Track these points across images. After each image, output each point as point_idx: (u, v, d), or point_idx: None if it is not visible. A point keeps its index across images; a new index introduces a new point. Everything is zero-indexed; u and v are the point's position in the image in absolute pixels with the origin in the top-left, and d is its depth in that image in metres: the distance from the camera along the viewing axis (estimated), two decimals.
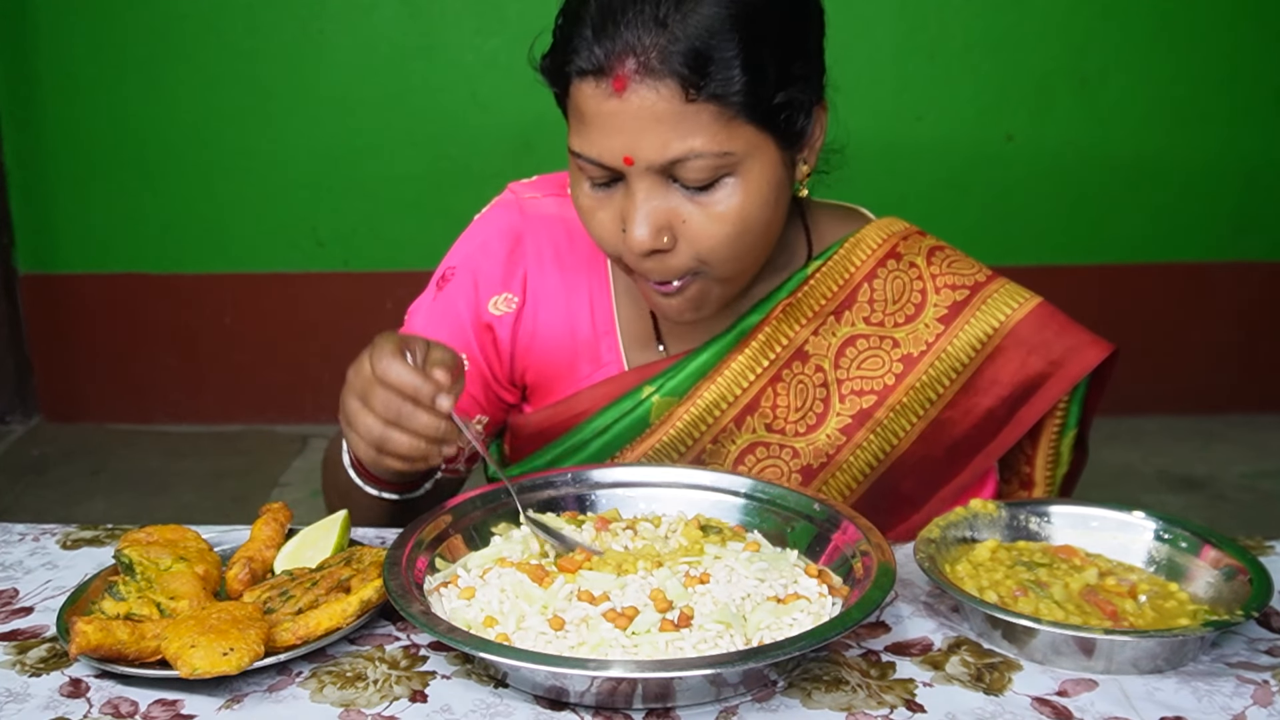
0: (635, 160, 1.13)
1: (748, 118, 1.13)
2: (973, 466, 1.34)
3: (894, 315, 1.35)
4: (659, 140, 1.12)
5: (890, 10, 3.80)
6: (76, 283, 4.06)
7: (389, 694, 0.98)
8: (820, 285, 1.36)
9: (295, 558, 1.17)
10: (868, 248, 1.37)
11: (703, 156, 1.13)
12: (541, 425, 1.39)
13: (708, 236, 1.17)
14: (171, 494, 3.58)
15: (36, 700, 0.97)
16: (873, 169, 3.81)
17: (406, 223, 3.95)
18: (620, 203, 1.18)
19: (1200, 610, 1.06)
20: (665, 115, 1.11)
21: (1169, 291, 4.11)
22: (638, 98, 1.11)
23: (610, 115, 1.13)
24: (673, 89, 1.10)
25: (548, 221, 1.39)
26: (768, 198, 1.18)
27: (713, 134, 1.12)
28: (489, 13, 3.80)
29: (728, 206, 1.16)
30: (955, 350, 1.33)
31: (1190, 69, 3.89)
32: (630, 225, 1.17)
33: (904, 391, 1.33)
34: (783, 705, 0.96)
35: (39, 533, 1.29)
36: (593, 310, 1.39)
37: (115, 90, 3.86)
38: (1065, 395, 1.33)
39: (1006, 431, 1.33)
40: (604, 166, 1.16)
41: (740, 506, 1.21)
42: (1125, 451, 3.89)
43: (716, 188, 1.16)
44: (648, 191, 1.16)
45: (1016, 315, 1.32)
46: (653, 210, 1.16)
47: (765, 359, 1.34)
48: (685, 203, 1.16)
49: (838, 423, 1.34)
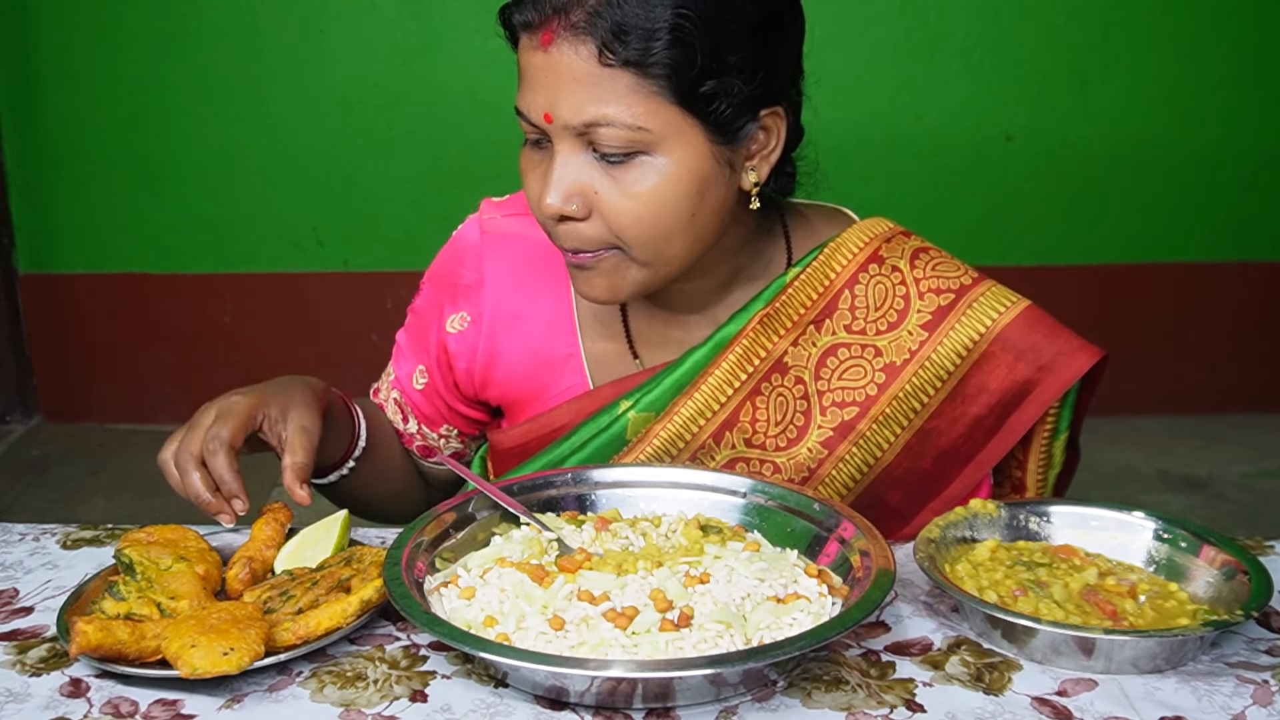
0: (554, 118, 1.14)
1: (671, 97, 1.12)
2: (963, 478, 1.31)
3: (876, 323, 1.31)
4: (575, 101, 1.12)
5: (890, 10, 3.79)
6: (76, 283, 4.06)
7: (389, 694, 0.98)
8: (799, 294, 1.32)
9: (295, 558, 1.17)
10: (848, 252, 1.33)
11: (614, 125, 1.12)
12: (519, 441, 1.38)
13: (618, 213, 1.16)
14: (171, 494, 3.56)
15: (36, 700, 0.97)
16: (872, 169, 3.83)
17: (406, 223, 3.95)
18: (545, 166, 1.19)
19: (1200, 610, 1.06)
20: (582, 76, 1.11)
21: (1169, 291, 4.11)
22: (559, 54, 1.12)
23: (537, 70, 1.14)
24: (591, 50, 1.11)
25: (508, 240, 1.38)
26: (689, 188, 1.16)
27: (628, 104, 1.12)
28: (489, 13, 3.73)
29: (641, 186, 1.15)
30: (940, 358, 1.29)
31: (1190, 69, 3.89)
32: (544, 187, 1.17)
33: (887, 402, 1.30)
34: (783, 705, 0.96)
35: (39, 533, 1.29)
36: (555, 329, 1.37)
37: (115, 90, 3.86)
38: (1056, 402, 1.29)
39: (997, 441, 1.30)
40: (531, 123, 1.17)
41: (740, 506, 1.21)
42: (1125, 451, 3.89)
43: (632, 164, 1.15)
44: (566, 155, 1.16)
45: (1004, 319, 1.29)
46: (567, 175, 1.16)
47: (743, 372, 1.31)
48: (599, 174, 1.16)
49: (819, 435, 1.31)
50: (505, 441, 1.39)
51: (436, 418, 1.45)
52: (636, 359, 1.37)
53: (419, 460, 1.50)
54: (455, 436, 1.47)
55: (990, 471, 1.35)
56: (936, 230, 1.41)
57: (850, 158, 3.79)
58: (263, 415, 1.23)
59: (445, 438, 1.47)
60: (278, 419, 1.24)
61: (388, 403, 1.48)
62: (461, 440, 1.48)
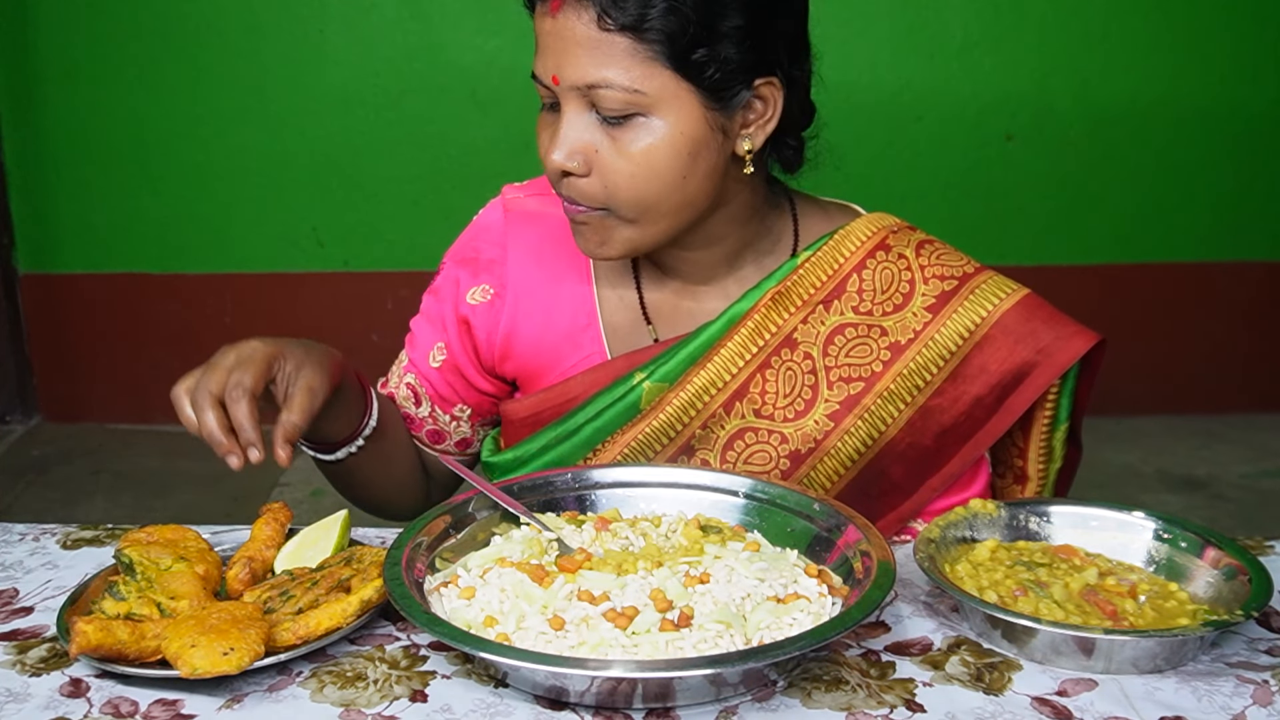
0: (560, 80, 1.20)
1: (666, 63, 1.18)
2: (961, 455, 1.35)
3: (882, 304, 1.36)
4: (579, 64, 1.19)
5: (889, 10, 3.80)
6: (76, 283, 4.06)
7: (389, 694, 0.98)
8: (809, 275, 1.38)
9: (295, 558, 1.17)
10: (857, 239, 1.39)
11: (613, 88, 1.18)
12: (533, 410, 1.41)
13: (614, 171, 1.22)
14: (171, 494, 3.58)
15: (36, 700, 0.97)
16: (872, 168, 3.83)
17: (406, 223, 3.95)
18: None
19: (1200, 610, 1.06)
20: (584, 40, 1.18)
21: (1169, 291, 4.11)
22: (565, 20, 1.19)
23: (547, 35, 1.21)
24: (591, 15, 1.17)
25: (530, 218, 1.44)
26: (680, 150, 1.21)
27: (626, 68, 1.18)
28: (489, 13, 3.80)
29: (637, 146, 1.21)
30: (943, 338, 1.34)
31: (1189, 69, 3.89)
32: (550, 144, 1.23)
33: (892, 378, 1.34)
34: (783, 705, 0.96)
35: (39, 533, 1.29)
36: (574, 303, 1.42)
37: (115, 90, 3.85)
38: (1054, 385, 1.33)
39: (995, 420, 1.34)
40: (544, 85, 1.23)
41: (740, 506, 1.21)
42: (1125, 451, 3.89)
43: (629, 125, 1.21)
44: (572, 116, 1.22)
45: (1004, 305, 1.34)
46: (571, 134, 1.22)
47: (754, 345, 1.36)
48: (601, 134, 1.22)
49: (826, 409, 1.35)
50: (519, 411, 1.42)
51: (451, 396, 1.47)
52: (651, 328, 1.41)
53: (425, 450, 1.51)
54: (467, 419, 1.49)
55: (991, 460, 1.41)
56: (937, 229, 1.43)
57: (850, 157, 3.79)
58: (279, 366, 1.24)
59: (457, 420, 1.49)
60: (291, 374, 1.24)
61: (399, 388, 1.49)
62: (473, 423, 1.49)
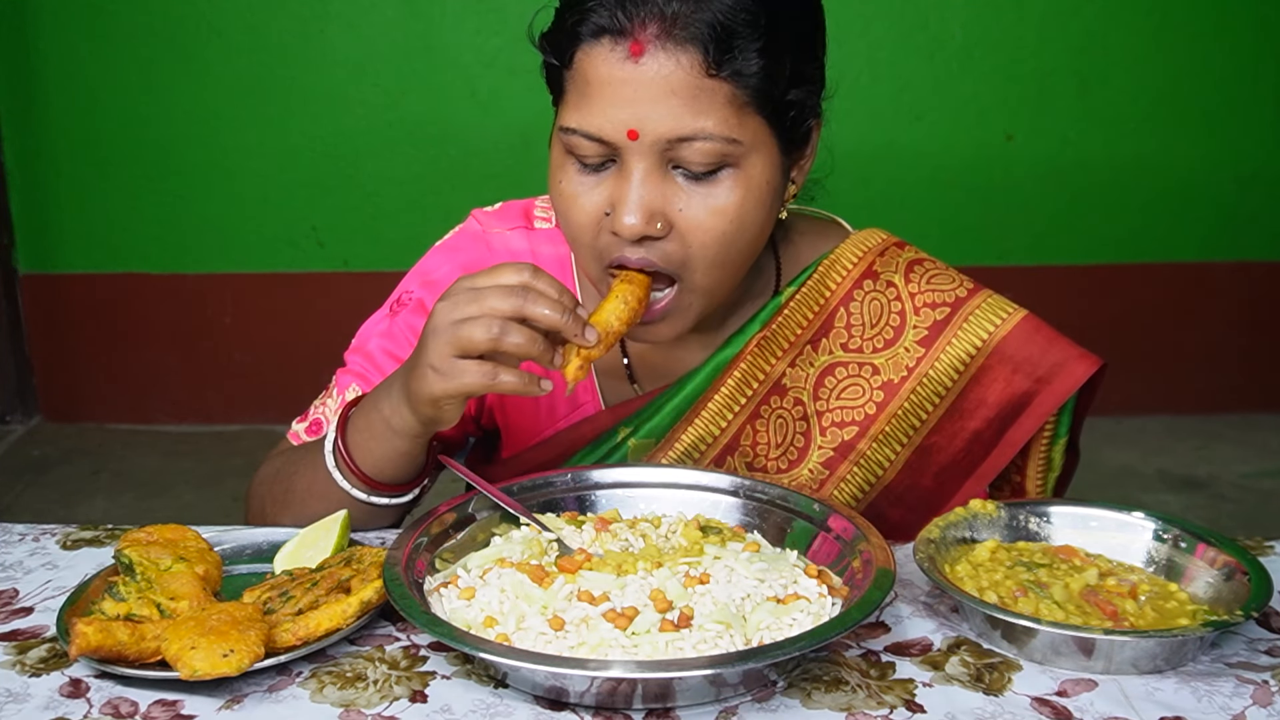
0: (641, 134, 1.07)
1: (758, 109, 1.09)
2: (963, 492, 1.30)
3: (872, 340, 1.30)
4: (671, 114, 1.06)
5: (889, 10, 3.80)
6: (76, 283, 4.06)
7: (389, 694, 0.98)
8: (795, 314, 1.31)
9: (295, 558, 1.17)
10: (843, 268, 1.32)
11: (712, 139, 1.07)
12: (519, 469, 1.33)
13: (703, 230, 1.11)
14: (171, 494, 3.58)
15: (36, 700, 0.97)
16: (872, 169, 3.83)
17: (406, 223, 3.95)
18: (610, 187, 1.12)
19: (1200, 610, 1.06)
20: (681, 87, 1.06)
21: (1168, 291, 4.12)
22: (656, 65, 1.05)
23: (621, 83, 1.07)
24: (695, 60, 1.05)
25: (516, 258, 1.33)
26: (763, 200, 1.14)
27: (724, 117, 1.07)
28: (489, 13, 3.80)
29: (727, 200, 1.11)
30: (937, 374, 1.29)
31: (1189, 69, 3.89)
32: (622, 207, 1.10)
33: (886, 420, 1.29)
34: (783, 705, 0.96)
35: (39, 533, 1.29)
36: None
37: (115, 90, 3.86)
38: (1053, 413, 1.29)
39: (996, 454, 1.29)
40: (603, 142, 1.10)
41: (740, 506, 1.21)
42: (1125, 451, 3.89)
43: (717, 179, 1.11)
44: (645, 173, 1.09)
45: (1001, 331, 1.28)
46: (649, 193, 1.09)
47: (743, 395, 1.30)
48: (681, 191, 1.11)
49: (820, 456, 1.30)
50: (503, 474, 1.33)
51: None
52: (634, 384, 1.36)
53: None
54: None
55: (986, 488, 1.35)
56: (936, 230, 1.43)
57: (849, 158, 3.80)
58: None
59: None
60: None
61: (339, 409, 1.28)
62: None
